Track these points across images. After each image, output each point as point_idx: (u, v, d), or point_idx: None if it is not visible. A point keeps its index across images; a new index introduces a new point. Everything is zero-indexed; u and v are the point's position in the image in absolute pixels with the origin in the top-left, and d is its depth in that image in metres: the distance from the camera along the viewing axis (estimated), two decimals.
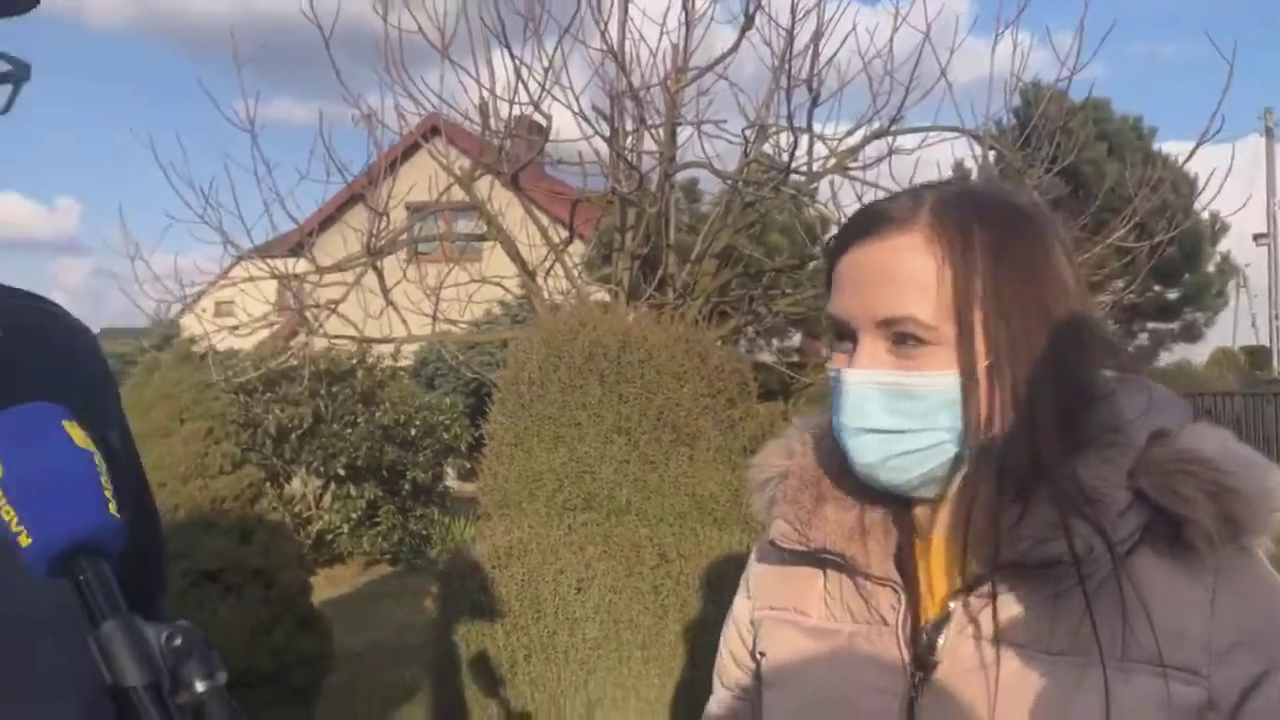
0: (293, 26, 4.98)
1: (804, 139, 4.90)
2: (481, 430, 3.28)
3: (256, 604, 4.13)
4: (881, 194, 4.90)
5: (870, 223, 0.92)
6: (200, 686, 0.61)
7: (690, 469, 2.66)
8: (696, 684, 2.49)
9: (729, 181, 5.28)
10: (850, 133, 5.31)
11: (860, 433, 0.89)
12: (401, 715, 5.20)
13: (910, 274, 0.87)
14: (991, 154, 5.66)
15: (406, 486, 8.45)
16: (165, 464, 4.10)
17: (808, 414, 1.09)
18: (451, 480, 9.63)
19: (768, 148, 5.52)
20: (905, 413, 0.87)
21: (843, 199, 5.54)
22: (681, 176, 6.22)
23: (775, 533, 0.99)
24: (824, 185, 5.60)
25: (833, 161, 5.29)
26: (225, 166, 4.50)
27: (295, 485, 8.29)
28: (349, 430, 8.07)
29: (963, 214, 0.89)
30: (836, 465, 0.96)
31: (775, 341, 11.69)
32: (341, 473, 8.03)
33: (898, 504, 0.95)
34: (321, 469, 8.03)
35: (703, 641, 2.53)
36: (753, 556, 1.11)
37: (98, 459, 0.67)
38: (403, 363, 9.89)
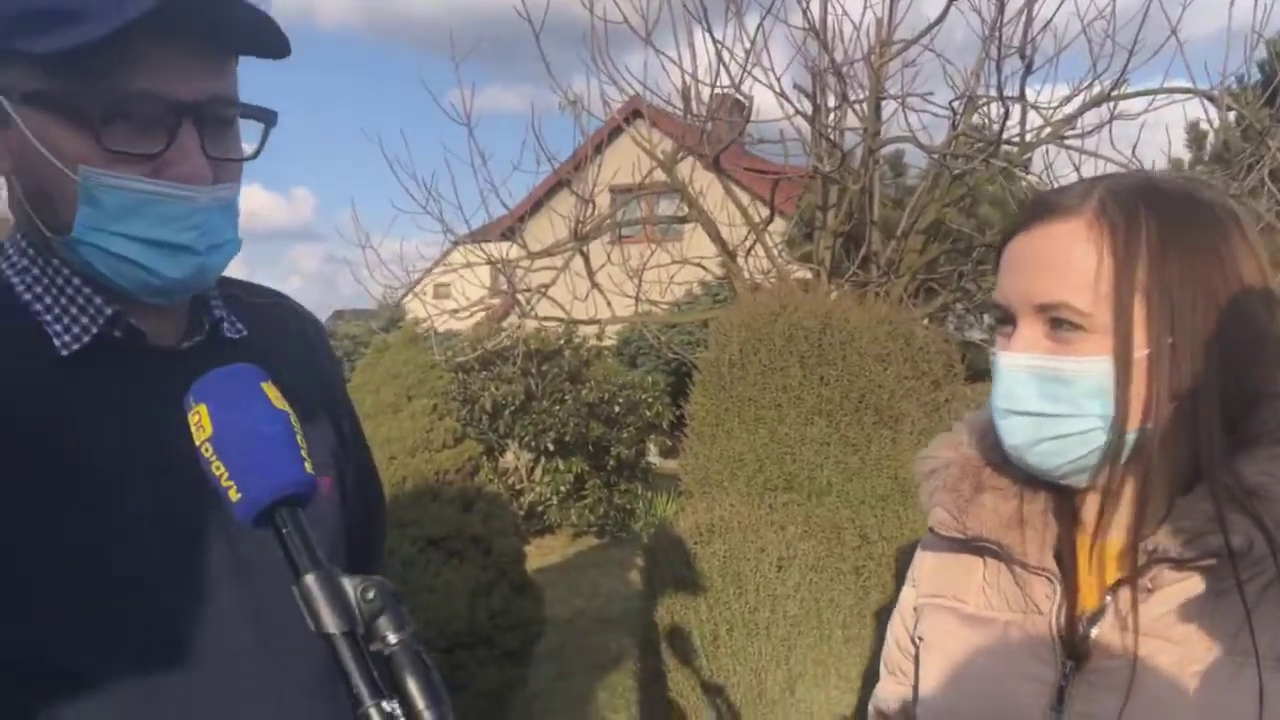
0: (502, 16, 5.22)
1: (1016, 109, 4.70)
2: (682, 409, 3.36)
3: (476, 569, 4.41)
4: (1101, 163, 4.64)
5: (1037, 210, 0.92)
6: (392, 638, 0.65)
7: (893, 451, 2.65)
8: None
9: (936, 155, 5.13)
10: (1067, 100, 5.04)
11: (1010, 414, 0.90)
12: (609, 681, 5.41)
13: (1068, 260, 0.87)
14: (1231, 114, 5.22)
15: (611, 462, 8.72)
16: (394, 438, 4.44)
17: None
18: (654, 456, 9.86)
19: (977, 118, 5.33)
20: (1056, 396, 0.87)
21: (1058, 169, 5.26)
22: (886, 151, 6.08)
23: (934, 520, 1.01)
24: (1038, 155, 5.34)
25: (1047, 131, 5.04)
26: (445, 160, 4.80)
27: (509, 458, 8.73)
28: (557, 407, 8.40)
29: (1131, 202, 0.87)
30: (999, 456, 0.96)
31: (986, 318, 11.24)
32: (551, 447, 8.38)
33: (1058, 494, 0.95)
34: (532, 443, 8.41)
35: None
36: (919, 546, 1.13)
37: (293, 419, 0.73)
38: (606, 342, 10.19)
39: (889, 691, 1.14)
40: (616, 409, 8.68)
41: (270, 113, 0.93)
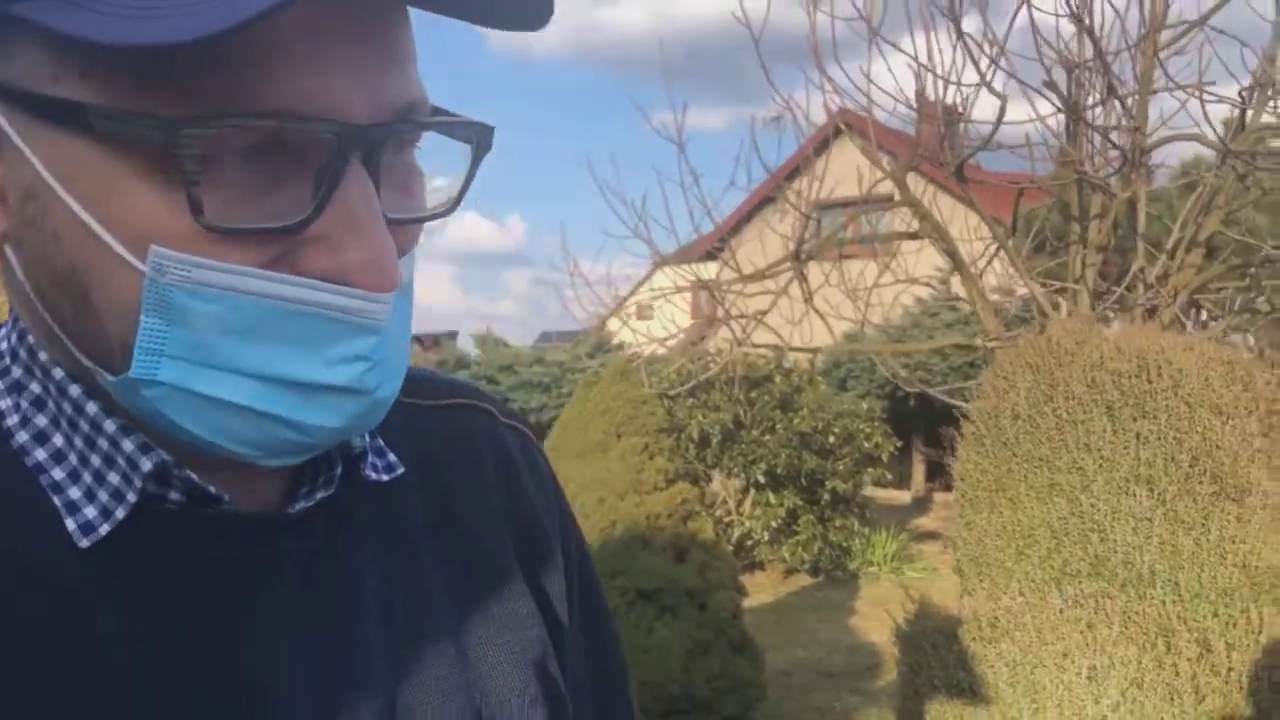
0: (708, 33, 4.89)
1: None
2: (904, 442, 2.85)
3: (691, 626, 4.04)
4: None
5: None
6: None
7: (1239, 532, 2.06)
8: None
9: (1226, 158, 4.35)
10: None
11: None
12: None
13: None
14: None
15: (826, 496, 8.17)
16: (604, 479, 4.13)
17: None
18: (870, 489, 9.21)
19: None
20: None
21: None
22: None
23: None
24: None
25: None
26: (659, 181, 4.48)
27: (715, 486, 8.32)
28: (768, 437, 7.95)
29: None
30: None
31: (1249, 337, 9.92)
32: (761, 480, 7.92)
33: None
34: (742, 475, 7.99)
35: None
36: None
37: None
38: (817, 365, 9.64)
39: None
40: (831, 439, 8.13)
41: (486, 129, 0.50)
